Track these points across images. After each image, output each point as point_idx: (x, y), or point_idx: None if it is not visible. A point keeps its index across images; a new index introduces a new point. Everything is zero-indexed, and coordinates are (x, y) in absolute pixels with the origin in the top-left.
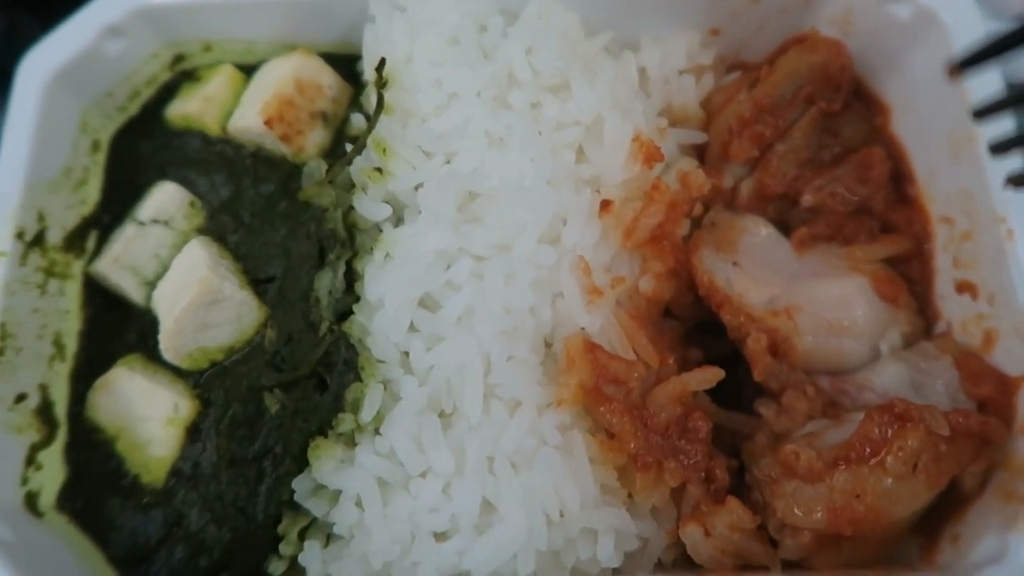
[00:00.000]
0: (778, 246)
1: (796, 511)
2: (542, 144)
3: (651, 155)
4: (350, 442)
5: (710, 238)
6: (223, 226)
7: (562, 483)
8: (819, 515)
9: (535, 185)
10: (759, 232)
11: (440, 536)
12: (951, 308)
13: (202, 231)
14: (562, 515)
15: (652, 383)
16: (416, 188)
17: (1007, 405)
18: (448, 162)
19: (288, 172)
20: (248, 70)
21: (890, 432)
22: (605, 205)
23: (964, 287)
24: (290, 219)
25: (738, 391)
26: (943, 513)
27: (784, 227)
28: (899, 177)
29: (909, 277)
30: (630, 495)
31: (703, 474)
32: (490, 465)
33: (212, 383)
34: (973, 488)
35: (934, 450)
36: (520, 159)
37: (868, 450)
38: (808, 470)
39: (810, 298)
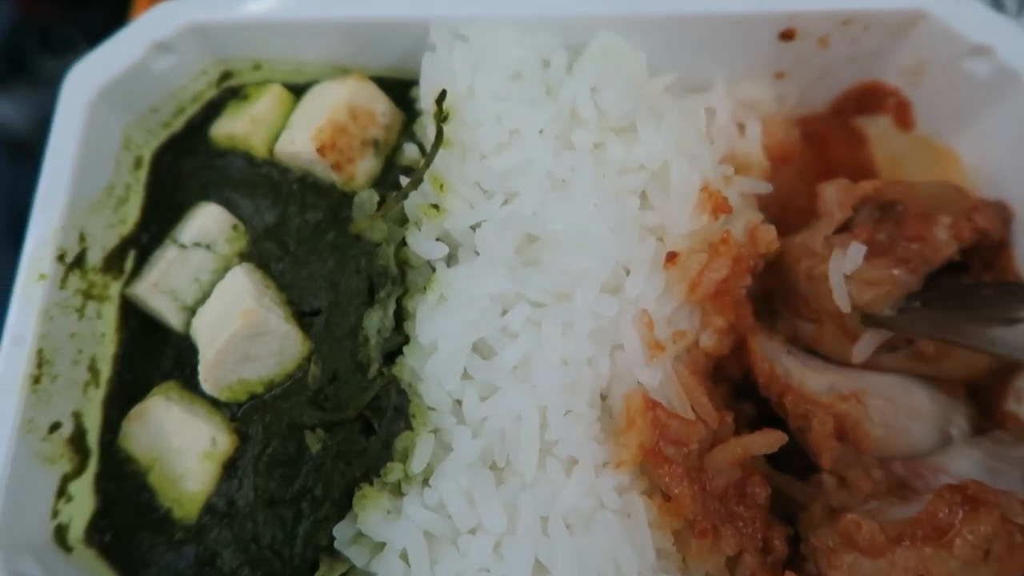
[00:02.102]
0: None
1: None
2: (606, 188)
3: (719, 206)
4: (396, 491)
5: (763, 324)
6: (267, 253)
7: (620, 548)
8: None
9: (598, 232)
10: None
11: None
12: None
13: (245, 256)
14: None
15: (710, 443)
16: (473, 227)
17: None
18: (507, 202)
19: (337, 200)
20: (297, 90)
21: (961, 513)
22: (671, 257)
23: None
24: (339, 251)
25: (788, 446)
26: None
27: None
28: None
29: None
30: (684, 560)
31: (760, 543)
32: (544, 525)
33: (251, 417)
34: None
35: (1008, 539)
36: (583, 203)
37: (936, 530)
38: (870, 543)
39: (872, 383)
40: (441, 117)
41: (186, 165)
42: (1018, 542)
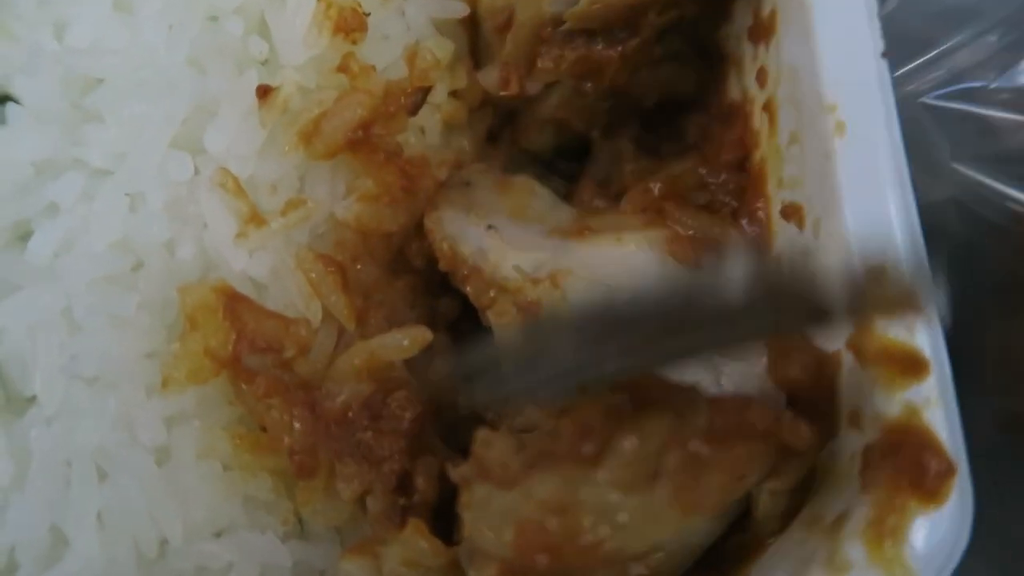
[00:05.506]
0: (555, 210)
1: (486, 529)
2: (188, 7)
3: (346, 23)
4: None
5: (459, 198)
6: None
7: (158, 502)
8: (507, 536)
9: (170, 64)
10: (532, 193)
11: None
12: (778, 243)
13: None
14: (167, 545)
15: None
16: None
17: (823, 394)
18: (59, 37)
19: None
20: None
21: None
22: (263, 92)
23: (791, 212)
24: None
25: None
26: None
27: None
28: None
29: None
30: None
31: (395, 481)
32: (68, 474)
33: None
34: (770, 514)
35: (686, 453)
36: (155, 28)
37: (587, 445)
38: (501, 468)
39: (584, 260)
40: None
41: None
42: (705, 456)
